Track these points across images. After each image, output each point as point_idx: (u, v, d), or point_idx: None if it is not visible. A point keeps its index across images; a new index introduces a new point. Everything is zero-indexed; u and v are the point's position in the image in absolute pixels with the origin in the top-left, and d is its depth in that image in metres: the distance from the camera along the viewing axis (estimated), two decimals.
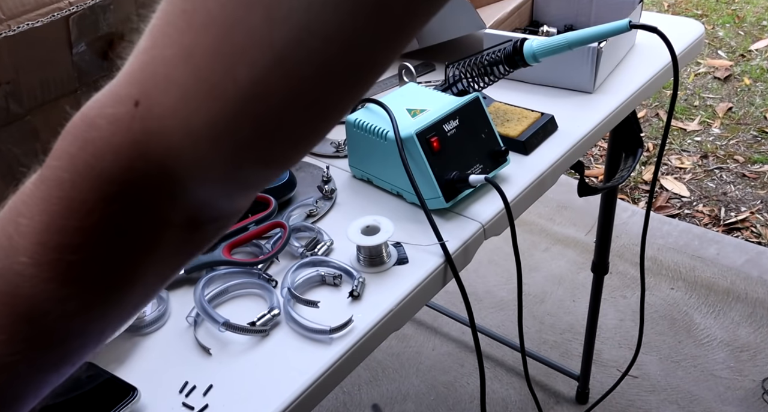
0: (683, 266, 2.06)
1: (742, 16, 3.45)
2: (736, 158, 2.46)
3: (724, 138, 2.56)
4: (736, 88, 2.85)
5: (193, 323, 0.73)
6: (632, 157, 1.21)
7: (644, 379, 1.76)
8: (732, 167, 2.43)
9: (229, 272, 0.79)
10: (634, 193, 2.38)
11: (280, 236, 0.81)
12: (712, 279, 2.01)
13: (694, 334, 1.86)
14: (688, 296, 1.97)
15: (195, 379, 0.68)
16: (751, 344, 1.81)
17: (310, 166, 0.97)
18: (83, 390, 0.66)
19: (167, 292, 0.77)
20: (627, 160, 1.23)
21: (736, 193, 2.32)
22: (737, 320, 1.88)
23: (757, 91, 2.81)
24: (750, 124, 2.62)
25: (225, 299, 0.77)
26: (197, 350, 0.71)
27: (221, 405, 0.65)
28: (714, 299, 1.95)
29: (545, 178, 0.92)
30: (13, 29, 0.66)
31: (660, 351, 1.83)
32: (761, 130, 2.58)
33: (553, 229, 2.23)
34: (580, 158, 1.01)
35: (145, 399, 0.66)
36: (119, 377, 0.67)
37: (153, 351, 0.72)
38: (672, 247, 2.12)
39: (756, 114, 2.67)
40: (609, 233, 1.47)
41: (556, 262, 2.12)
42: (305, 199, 0.89)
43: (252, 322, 0.71)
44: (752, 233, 2.18)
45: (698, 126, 2.63)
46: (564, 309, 1.98)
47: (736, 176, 2.39)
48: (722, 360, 1.78)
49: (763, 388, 1.70)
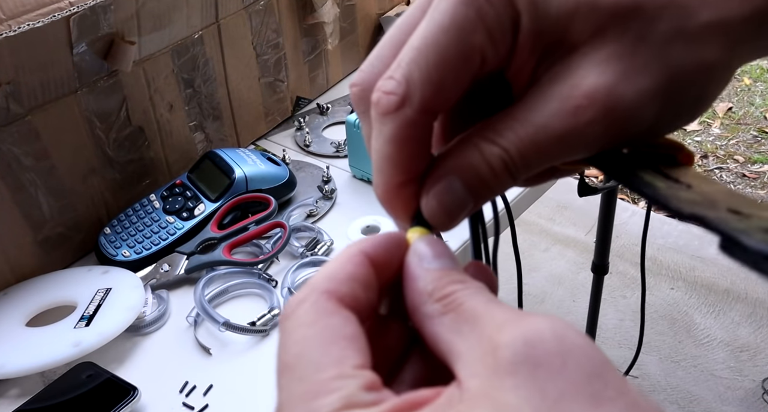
0: (683, 266, 2.06)
1: None
2: (736, 158, 2.46)
3: (724, 138, 2.56)
4: (736, 88, 2.85)
5: (193, 323, 0.73)
6: None
7: (644, 379, 1.76)
8: (732, 167, 2.43)
9: (229, 272, 0.79)
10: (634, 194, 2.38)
11: (280, 236, 0.81)
12: (712, 279, 2.01)
13: (694, 334, 1.86)
14: (688, 296, 1.97)
15: (195, 379, 0.68)
16: (751, 344, 1.81)
17: (310, 166, 0.97)
18: (83, 390, 0.66)
19: (167, 292, 0.77)
20: None
21: None
22: (737, 320, 1.88)
23: (757, 91, 2.81)
24: (750, 124, 2.62)
25: (225, 299, 0.77)
26: (197, 350, 0.71)
27: (221, 405, 0.65)
28: (714, 299, 1.95)
29: None
30: (13, 29, 0.66)
31: (660, 351, 1.83)
32: (761, 130, 2.58)
33: (553, 229, 2.23)
34: None
35: (145, 399, 0.66)
36: (119, 376, 0.67)
37: (153, 351, 0.72)
38: (672, 247, 2.12)
39: (756, 114, 2.67)
40: (609, 233, 1.47)
41: (556, 262, 2.12)
42: (305, 199, 0.89)
43: (252, 322, 0.71)
44: None
45: (698, 126, 2.63)
46: (564, 309, 1.98)
47: (736, 176, 2.39)
48: (722, 360, 1.78)
49: (763, 388, 1.70)
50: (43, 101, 0.73)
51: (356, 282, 0.22)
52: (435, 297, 0.22)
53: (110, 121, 0.81)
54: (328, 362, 0.20)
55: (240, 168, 0.85)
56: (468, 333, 0.20)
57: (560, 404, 0.17)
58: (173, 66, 0.86)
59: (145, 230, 0.83)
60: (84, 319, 0.70)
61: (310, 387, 0.20)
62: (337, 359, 0.20)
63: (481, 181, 0.24)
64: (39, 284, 0.77)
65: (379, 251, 0.24)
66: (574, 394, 0.17)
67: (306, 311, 0.22)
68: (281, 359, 0.21)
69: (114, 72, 0.79)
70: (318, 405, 0.19)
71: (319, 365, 0.20)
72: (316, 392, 0.19)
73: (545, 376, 0.18)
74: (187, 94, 0.90)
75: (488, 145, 0.24)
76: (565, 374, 0.18)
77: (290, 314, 0.22)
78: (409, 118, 0.24)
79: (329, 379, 0.19)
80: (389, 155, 0.25)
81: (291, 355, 0.21)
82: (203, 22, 0.88)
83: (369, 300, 0.23)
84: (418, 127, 0.24)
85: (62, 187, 0.79)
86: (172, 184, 0.88)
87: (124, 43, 0.77)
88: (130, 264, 0.80)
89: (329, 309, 0.22)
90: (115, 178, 0.85)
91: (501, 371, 0.18)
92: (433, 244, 0.24)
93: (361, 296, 0.22)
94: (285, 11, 1.01)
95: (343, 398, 0.19)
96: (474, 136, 0.25)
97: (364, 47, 1.21)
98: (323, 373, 0.20)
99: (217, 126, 0.97)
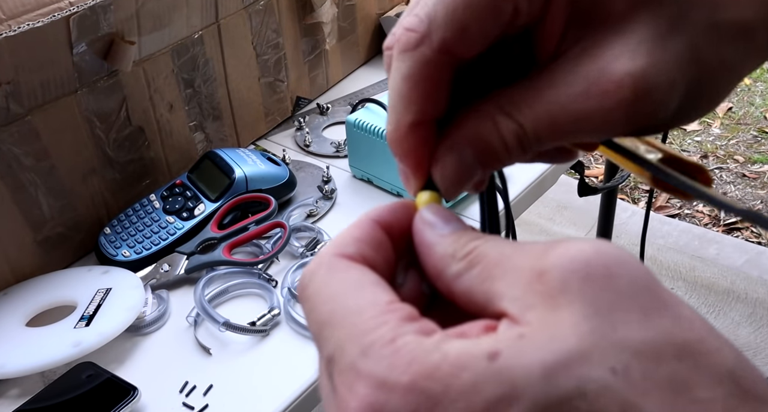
0: (683, 266, 2.06)
1: None
2: (736, 158, 2.46)
3: (724, 138, 2.56)
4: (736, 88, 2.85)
5: (193, 323, 0.73)
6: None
7: None
8: (732, 167, 2.43)
9: (230, 272, 0.79)
10: (634, 194, 2.38)
11: (280, 236, 0.81)
12: (712, 279, 2.01)
13: None
14: (688, 296, 1.97)
15: (195, 379, 0.68)
16: (751, 344, 1.81)
17: (310, 166, 0.97)
18: (83, 390, 0.66)
19: (167, 292, 0.77)
20: None
21: (736, 193, 2.32)
22: (737, 320, 1.88)
23: (757, 91, 2.81)
24: (750, 124, 2.62)
25: (225, 299, 0.77)
26: (197, 350, 0.71)
27: (221, 405, 0.65)
28: (714, 299, 1.95)
29: (545, 178, 0.92)
30: (13, 29, 0.66)
31: None
32: (761, 130, 2.58)
33: (553, 229, 2.23)
34: (580, 158, 1.01)
35: (145, 399, 0.66)
36: (119, 376, 0.67)
37: (153, 351, 0.72)
38: (672, 247, 2.12)
39: (756, 114, 2.67)
40: (609, 233, 1.47)
41: None
42: (305, 199, 0.89)
43: (252, 322, 0.71)
44: (752, 233, 2.18)
45: (698, 126, 2.63)
46: None
47: (736, 176, 2.39)
48: None
49: None
50: (43, 101, 0.73)
51: (364, 243, 0.22)
52: (458, 257, 0.22)
53: (110, 121, 0.81)
54: (365, 304, 0.20)
55: (240, 168, 0.85)
56: (502, 275, 0.20)
57: (612, 315, 0.18)
58: (173, 66, 0.86)
59: (145, 230, 0.83)
60: (84, 319, 0.70)
61: (355, 330, 0.19)
62: (371, 300, 0.20)
63: (493, 154, 0.24)
64: (39, 284, 0.77)
65: (386, 215, 0.24)
66: (624, 306, 0.18)
67: (323, 275, 0.22)
68: (315, 320, 0.21)
69: (114, 72, 0.79)
70: (369, 341, 0.19)
71: (357, 310, 0.20)
72: (363, 331, 0.19)
73: (594, 290, 0.18)
74: (187, 94, 0.90)
75: (504, 118, 0.24)
76: (613, 287, 0.18)
77: (308, 283, 0.22)
78: (426, 56, 0.23)
79: (371, 317, 0.19)
80: (403, 93, 0.24)
81: (324, 313, 0.21)
82: (203, 22, 0.88)
83: (383, 258, 0.23)
84: (435, 67, 0.24)
85: (62, 187, 0.79)
86: (172, 184, 0.88)
87: (124, 43, 0.77)
88: (130, 264, 0.80)
89: (344, 266, 0.22)
90: (115, 178, 0.85)
91: (553, 292, 0.18)
92: (440, 211, 0.24)
93: (370, 254, 0.22)
94: (285, 11, 1.01)
95: (391, 329, 0.19)
96: (491, 107, 0.24)
97: (364, 47, 1.21)
98: (364, 314, 0.20)
99: (217, 126, 0.97)
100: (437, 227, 0.23)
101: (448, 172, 0.25)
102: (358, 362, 0.19)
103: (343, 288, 0.21)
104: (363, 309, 0.20)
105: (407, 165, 0.26)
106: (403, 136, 0.25)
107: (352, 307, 0.20)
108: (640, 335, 0.17)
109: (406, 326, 0.19)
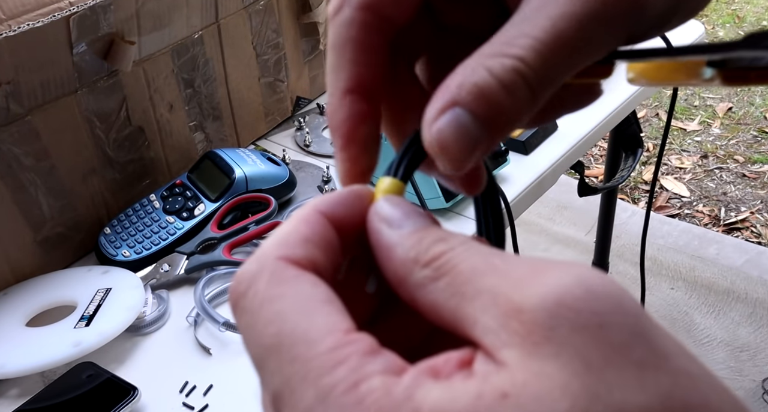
0: (683, 266, 2.06)
1: (742, 16, 3.45)
2: (736, 158, 2.46)
3: (724, 138, 2.56)
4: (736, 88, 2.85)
5: (193, 323, 0.73)
6: (632, 157, 1.21)
7: None
8: (732, 167, 2.43)
9: (230, 272, 0.79)
10: (634, 193, 2.38)
11: None
12: (712, 279, 2.01)
13: (694, 334, 1.86)
14: (688, 296, 1.97)
15: (195, 379, 0.68)
16: (751, 344, 1.81)
17: (310, 166, 0.97)
18: (83, 390, 0.66)
19: (167, 292, 0.77)
20: (627, 160, 1.23)
21: (736, 193, 2.32)
22: (737, 320, 1.88)
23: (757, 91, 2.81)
24: (750, 124, 2.62)
25: (225, 299, 0.77)
26: (197, 350, 0.71)
27: (221, 405, 0.65)
28: (714, 299, 1.95)
29: (545, 178, 0.92)
30: (13, 29, 0.66)
31: None
32: (761, 130, 2.58)
33: (553, 229, 2.23)
34: (580, 158, 1.01)
35: (145, 399, 0.66)
36: (119, 376, 0.67)
37: (153, 351, 0.72)
38: (672, 247, 2.12)
39: (756, 114, 2.67)
40: (609, 233, 1.47)
41: None
42: (305, 199, 0.89)
43: None
44: (752, 233, 2.18)
45: (698, 126, 2.63)
46: None
47: (736, 176, 2.39)
48: (722, 360, 1.78)
49: (763, 388, 1.70)
50: (43, 101, 0.73)
51: (312, 244, 0.19)
52: (422, 262, 0.19)
53: (110, 121, 0.81)
54: (318, 332, 0.17)
55: (240, 168, 0.85)
56: (474, 296, 0.17)
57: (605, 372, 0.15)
58: (173, 66, 0.86)
59: (145, 230, 0.83)
60: (84, 319, 0.70)
61: (308, 367, 0.17)
62: (326, 327, 0.17)
63: (496, 106, 0.20)
64: (39, 284, 0.77)
65: (337, 207, 0.21)
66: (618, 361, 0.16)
67: (266, 284, 0.18)
68: (255, 343, 0.18)
69: (114, 72, 0.79)
70: (328, 385, 0.16)
71: (309, 339, 0.17)
72: (319, 370, 0.17)
73: (585, 341, 0.16)
74: (187, 94, 0.90)
75: (496, 59, 0.20)
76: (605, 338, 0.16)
77: (245, 291, 0.19)
78: (348, 18, 0.22)
79: (327, 351, 0.17)
80: (332, 61, 0.23)
81: (267, 336, 0.18)
82: (203, 22, 0.88)
83: (331, 262, 0.20)
84: (360, 28, 0.22)
85: (62, 187, 0.79)
86: (172, 184, 0.88)
87: (124, 43, 0.77)
88: (130, 264, 0.80)
89: (291, 276, 0.19)
90: (115, 178, 0.85)
91: (535, 338, 0.16)
92: (400, 203, 0.21)
93: (319, 259, 0.19)
94: (285, 11, 1.01)
95: (353, 369, 0.16)
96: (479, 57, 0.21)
97: None
98: (318, 345, 0.17)
99: (217, 126, 0.97)
100: (395, 223, 0.20)
101: (447, 142, 0.20)
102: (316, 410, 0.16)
103: (291, 306, 0.18)
104: (316, 339, 0.17)
105: (334, 140, 0.23)
106: (335, 107, 0.23)
107: (302, 334, 0.17)
108: (638, 399, 0.15)
109: (370, 363, 0.17)
